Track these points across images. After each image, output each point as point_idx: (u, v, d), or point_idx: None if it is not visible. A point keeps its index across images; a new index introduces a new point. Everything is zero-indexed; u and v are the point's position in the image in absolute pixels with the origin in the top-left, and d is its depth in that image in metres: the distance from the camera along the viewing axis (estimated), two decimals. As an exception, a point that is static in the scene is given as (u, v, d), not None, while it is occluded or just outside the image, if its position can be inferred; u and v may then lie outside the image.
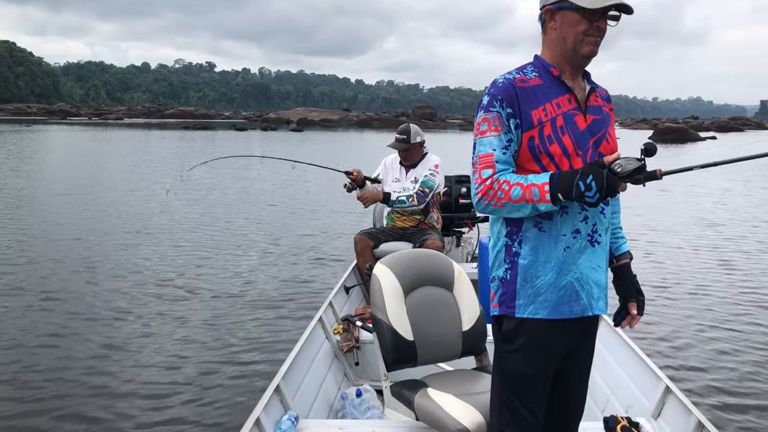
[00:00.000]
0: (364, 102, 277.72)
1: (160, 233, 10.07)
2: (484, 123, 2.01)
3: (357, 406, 3.33)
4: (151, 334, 5.55)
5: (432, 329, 2.99)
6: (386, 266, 3.03)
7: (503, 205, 1.96)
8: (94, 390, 4.43)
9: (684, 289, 7.17)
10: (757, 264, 8.53)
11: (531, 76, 2.05)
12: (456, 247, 6.16)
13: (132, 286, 7.00)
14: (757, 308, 6.51)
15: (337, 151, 33.77)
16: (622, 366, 3.51)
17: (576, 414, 2.25)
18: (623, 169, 1.82)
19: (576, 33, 1.99)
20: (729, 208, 13.46)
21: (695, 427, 2.64)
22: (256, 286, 7.17)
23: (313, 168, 5.88)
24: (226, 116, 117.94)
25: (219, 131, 56.85)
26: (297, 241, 9.73)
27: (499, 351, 2.12)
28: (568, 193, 1.87)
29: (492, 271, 2.12)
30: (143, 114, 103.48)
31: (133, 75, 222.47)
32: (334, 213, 12.38)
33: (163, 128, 61.06)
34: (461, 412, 2.58)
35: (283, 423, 2.81)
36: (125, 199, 13.80)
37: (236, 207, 13.14)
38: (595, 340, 2.27)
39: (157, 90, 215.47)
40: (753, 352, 5.26)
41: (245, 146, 35.73)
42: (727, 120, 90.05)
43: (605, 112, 2.14)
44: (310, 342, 3.67)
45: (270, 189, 16.19)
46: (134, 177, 18.09)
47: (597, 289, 2.07)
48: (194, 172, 7.05)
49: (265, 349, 5.22)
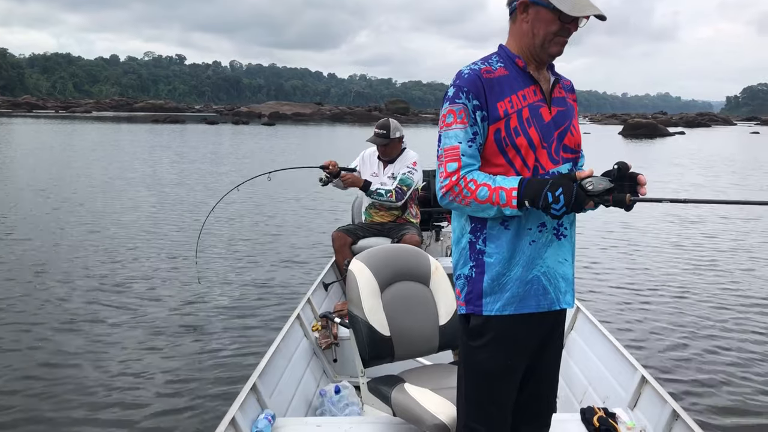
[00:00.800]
0: (336, 96, 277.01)
1: (128, 232, 9.88)
2: (450, 115, 1.98)
3: (335, 403, 3.31)
4: (123, 335, 5.43)
5: (409, 324, 2.98)
6: (362, 262, 3.01)
7: (468, 204, 1.94)
8: (62, 393, 4.33)
9: (660, 283, 7.28)
10: (730, 257, 8.70)
11: (496, 66, 2.02)
12: (435, 242, 6.16)
13: (100, 287, 6.83)
14: (731, 300, 6.63)
15: (309, 145, 33.57)
16: (599, 358, 3.54)
17: (548, 407, 2.25)
18: (594, 187, 1.81)
19: (547, 32, 1.97)
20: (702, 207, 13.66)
21: (670, 415, 2.68)
22: (233, 284, 7.07)
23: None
24: (197, 110, 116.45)
25: (189, 125, 56.04)
26: (275, 238, 9.61)
27: (466, 347, 2.10)
28: (536, 202, 1.85)
29: (457, 269, 2.10)
30: (112, 107, 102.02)
31: (102, 67, 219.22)
32: (311, 210, 12.28)
33: (132, 122, 60.08)
34: (437, 407, 2.57)
35: (260, 422, 2.78)
36: (90, 194, 13.51)
37: (211, 205, 12.94)
38: (564, 333, 2.27)
39: (126, 83, 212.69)
40: (726, 344, 5.36)
41: (216, 140, 35.33)
42: (694, 115, 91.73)
43: (569, 103, 2.13)
44: (288, 339, 3.64)
45: (245, 186, 16.01)
46: (98, 171, 17.77)
47: (564, 283, 2.06)
48: (166, 173, 6.89)
49: (243, 348, 5.15)
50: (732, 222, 11.49)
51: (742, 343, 5.36)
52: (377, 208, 5.14)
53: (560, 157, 2.03)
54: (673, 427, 2.65)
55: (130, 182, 15.52)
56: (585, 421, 2.83)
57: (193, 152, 25.87)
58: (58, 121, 57.26)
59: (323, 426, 2.87)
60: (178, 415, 4.05)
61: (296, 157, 24.45)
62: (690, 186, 17.05)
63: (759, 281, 7.46)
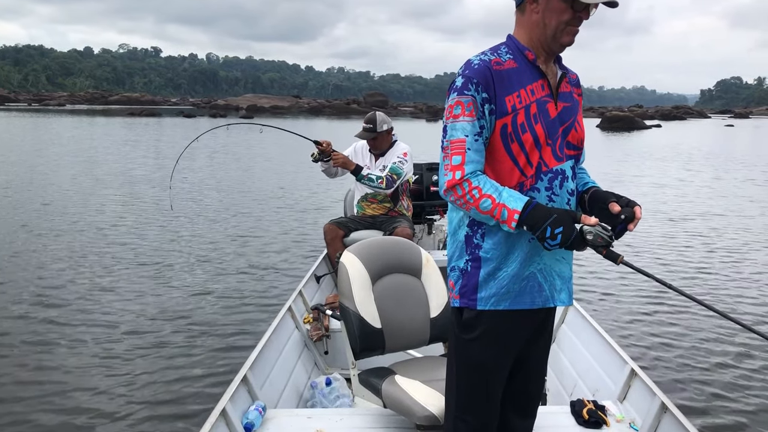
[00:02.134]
0: (314, 89, 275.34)
1: (113, 221, 9.80)
2: (458, 106, 1.93)
3: (326, 395, 3.31)
4: (114, 325, 5.42)
5: (400, 316, 2.99)
6: (354, 254, 3.02)
7: (469, 209, 1.93)
8: (52, 382, 4.32)
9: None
10: (719, 246, 8.83)
11: (506, 58, 1.98)
12: (427, 235, 6.16)
13: (89, 276, 6.80)
14: (720, 294, 6.70)
15: (286, 139, 33.33)
16: (589, 351, 3.56)
17: (535, 399, 2.27)
18: (593, 239, 1.84)
19: (559, 21, 1.94)
20: (686, 198, 13.77)
21: (659, 408, 2.70)
22: (225, 276, 7.06)
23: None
24: (173, 103, 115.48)
25: (166, 118, 55.53)
26: (267, 231, 9.58)
27: (458, 340, 2.10)
28: (534, 230, 1.86)
29: (452, 260, 2.08)
30: (86, 100, 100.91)
31: (75, 60, 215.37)
32: (304, 202, 12.25)
33: (107, 115, 59.38)
34: (427, 399, 2.58)
35: (251, 413, 2.78)
36: (66, 186, 13.36)
37: (204, 194, 12.94)
38: (553, 326, 2.28)
39: (100, 75, 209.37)
40: (715, 337, 5.42)
41: (195, 134, 34.83)
42: (670, 108, 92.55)
43: (575, 98, 2.10)
44: (279, 331, 3.63)
45: (237, 176, 15.99)
46: (69, 164, 17.54)
47: (560, 281, 2.05)
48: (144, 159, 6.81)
49: (234, 341, 5.16)
50: (723, 217, 11.54)
51: (731, 337, 5.40)
52: (369, 200, 5.13)
53: (564, 155, 2.01)
54: (662, 419, 2.68)
55: (130, 179, 15.30)
56: (575, 414, 2.85)
57: (170, 148, 25.58)
58: (31, 114, 56.32)
59: (314, 417, 2.87)
60: (168, 406, 4.05)
61: (274, 149, 24.33)
62: (675, 181, 17.14)
63: (747, 275, 7.53)
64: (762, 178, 17.68)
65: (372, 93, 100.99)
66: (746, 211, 12.07)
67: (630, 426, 2.79)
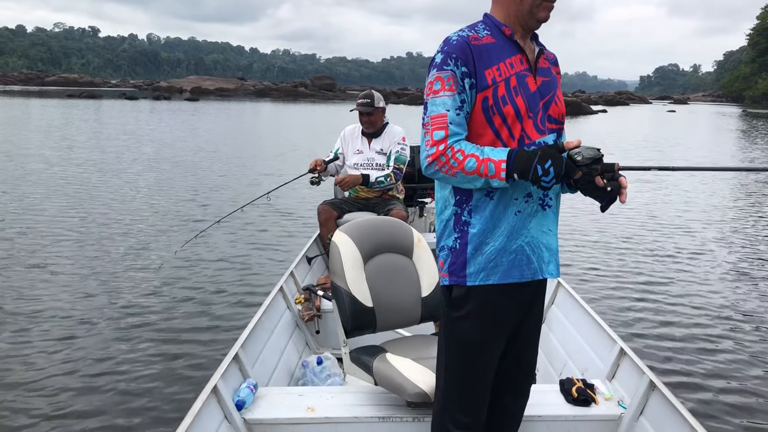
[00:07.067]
0: (259, 71, 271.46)
1: (108, 204, 9.59)
2: (438, 82, 1.93)
3: (318, 374, 3.32)
4: (109, 304, 5.41)
5: (391, 295, 3.01)
6: (346, 234, 3.02)
7: (454, 174, 1.92)
8: (46, 370, 4.24)
9: (640, 258, 7.47)
10: (710, 232, 9.00)
11: (483, 34, 1.99)
12: (419, 218, 6.20)
13: (80, 263, 6.66)
14: (709, 274, 6.87)
15: (234, 122, 32.77)
16: (579, 331, 3.60)
17: (528, 375, 2.30)
18: (583, 158, 1.83)
19: None
20: (671, 185, 14.06)
21: (647, 386, 2.74)
22: (216, 257, 7.02)
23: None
24: (114, 84, 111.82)
25: (107, 100, 53.51)
26: (259, 211, 9.36)
27: (448, 318, 2.10)
28: (525, 175, 1.85)
29: (441, 240, 2.08)
30: (20, 81, 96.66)
31: (7, 38, 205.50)
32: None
33: (44, 96, 57.01)
34: (418, 376, 2.61)
35: (242, 390, 2.77)
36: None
37: (194, 176, 12.84)
38: (544, 304, 2.30)
39: (34, 55, 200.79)
40: (704, 316, 5.55)
41: (137, 117, 33.98)
42: (613, 94, 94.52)
43: (553, 74, 2.12)
44: (271, 311, 3.62)
45: (229, 160, 15.76)
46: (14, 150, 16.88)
47: (547, 253, 2.06)
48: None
49: (226, 321, 5.16)
50: (711, 190, 11.77)
51: (720, 316, 5.52)
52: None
53: (546, 128, 2.03)
54: (650, 397, 2.72)
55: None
56: (564, 392, 2.88)
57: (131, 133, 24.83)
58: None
59: (305, 395, 2.87)
60: (159, 383, 4.06)
61: (225, 134, 23.91)
62: (647, 161, 17.40)
63: (736, 253, 7.75)
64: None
65: (319, 76, 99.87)
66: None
67: (618, 404, 2.82)
